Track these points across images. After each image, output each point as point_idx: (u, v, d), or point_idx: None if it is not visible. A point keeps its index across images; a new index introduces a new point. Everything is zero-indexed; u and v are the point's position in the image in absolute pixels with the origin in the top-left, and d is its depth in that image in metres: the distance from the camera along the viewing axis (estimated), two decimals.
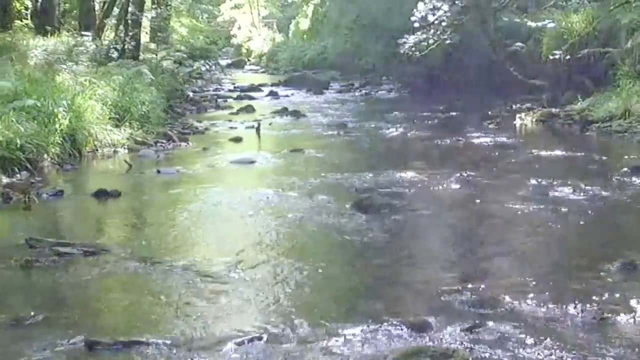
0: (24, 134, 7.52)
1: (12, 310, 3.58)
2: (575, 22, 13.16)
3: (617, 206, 5.76)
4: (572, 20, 13.29)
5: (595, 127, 10.46)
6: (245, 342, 3.16)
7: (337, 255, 4.75)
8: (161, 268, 4.25)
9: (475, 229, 5.33)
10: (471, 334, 3.16)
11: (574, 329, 3.21)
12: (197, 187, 6.70)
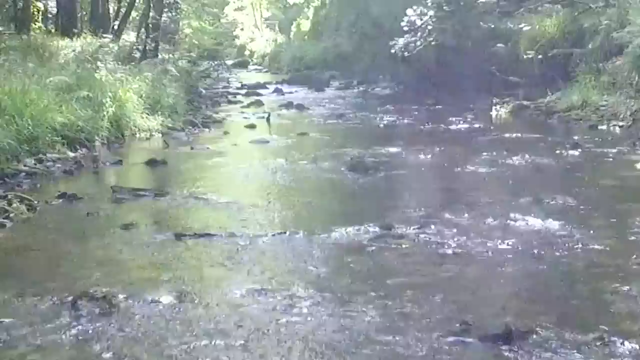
0: (83, 119, 9.46)
1: (117, 222, 5.49)
2: (548, 25, 15.12)
3: (545, 168, 7.72)
4: (545, 23, 15.26)
5: (557, 116, 12.42)
6: (276, 234, 5.10)
7: (333, 194, 6.78)
8: (208, 201, 6.21)
9: (436, 180, 7.31)
10: (419, 229, 5.09)
11: (480, 230, 5.10)
12: (226, 158, 8.69)
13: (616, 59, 11.98)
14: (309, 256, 4.61)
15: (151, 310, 3.69)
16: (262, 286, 4.03)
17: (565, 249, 4.66)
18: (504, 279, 4.23)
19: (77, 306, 3.68)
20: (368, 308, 3.66)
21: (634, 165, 7.75)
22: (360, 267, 4.40)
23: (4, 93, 8.48)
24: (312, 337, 3.35)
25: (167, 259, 4.59)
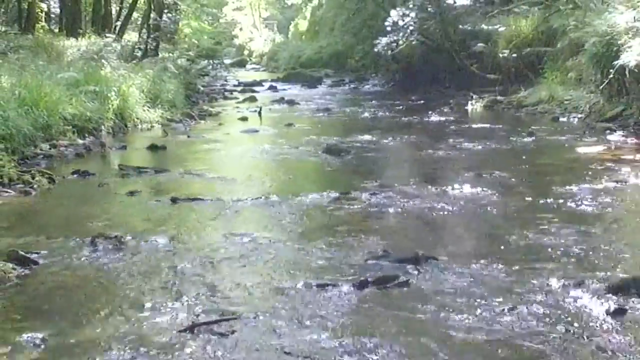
0: (91, 110, 10.66)
1: (123, 190, 6.67)
2: (523, 25, 16.31)
3: (496, 151, 8.92)
4: (521, 24, 16.44)
5: (525, 110, 13.60)
6: (254, 198, 6.28)
7: (307, 170, 8.01)
8: (201, 176, 7.41)
9: (398, 160, 8.51)
10: (371, 194, 6.28)
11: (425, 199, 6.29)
12: (219, 144, 9.90)
13: (576, 57, 13.14)
14: (279, 213, 5.81)
15: (151, 247, 4.88)
16: (239, 232, 5.22)
17: (484, 207, 5.86)
18: (426, 226, 5.43)
19: (95, 243, 4.87)
20: (317, 244, 4.85)
21: (574, 149, 8.94)
22: (317, 219, 5.60)
23: (21, 86, 9.67)
24: (274, 262, 4.54)
25: (164, 215, 5.79)
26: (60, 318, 3.66)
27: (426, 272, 4.27)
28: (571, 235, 5.02)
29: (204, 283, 4.14)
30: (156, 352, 3.24)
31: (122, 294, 3.99)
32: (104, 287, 4.13)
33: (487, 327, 3.50)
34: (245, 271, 4.40)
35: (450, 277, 4.21)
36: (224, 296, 3.93)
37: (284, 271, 4.36)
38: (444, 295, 3.92)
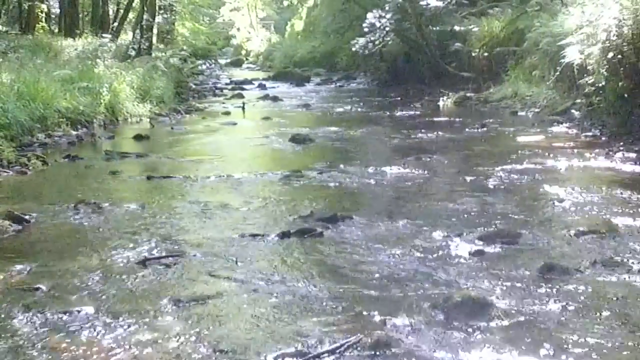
0: (83, 104, 11.77)
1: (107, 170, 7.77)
2: (494, 26, 17.39)
3: (445, 140, 10.03)
4: (493, 25, 17.53)
5: (490, 105, 14.68)
6: (218, 176, 7.39)
7: (271, 154, 9.13)
8: (175, 160, 8.52)
9: (352, 147, 9.60)
10: (319, 173, 7.38)
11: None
12: (198, 134, 11.02)
13: (536, 56, 14.22)
14: (237, 186, 6.94)
15: (124, 210, 5.99)
16: (199, 200, 6.32)
17: (408, 182, 6.97)
18: (352, 195, 6.55)
19: (77, 207, 5.98)
20: (260, 208, 5.97)
21: (515, 138, 10.02)
22: (265, 191, 6.71)
23: (20, 82, 10.79)
24: (221, 220, 5.64)
25: (139, 188, 6.92)
26: (45, 256, 4.77)
27: (340, 227, 5.37)
28: (472, 203, 6.12)
29: (161, 234, 5.24)
30: (116, 276, 4.34)
31: (96, 241, 5.09)
32: (81, 237, 5.24)
33: (379, 266, 4.56)
34: (197, 226, 5.50)
35: (358, 230, 5.31)
36: (175, 242, 5.03)
37: (228, 226, 5.47)
38: (350, 243, 5.02)
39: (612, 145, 9.03)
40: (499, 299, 3.88)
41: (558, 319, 3.65)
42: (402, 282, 4.20)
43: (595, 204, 6.06)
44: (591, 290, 4.03)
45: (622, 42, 9.36)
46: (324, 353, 3.25)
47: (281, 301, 3.93)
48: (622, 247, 4.81)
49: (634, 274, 4.31)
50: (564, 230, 5.25)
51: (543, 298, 3.92)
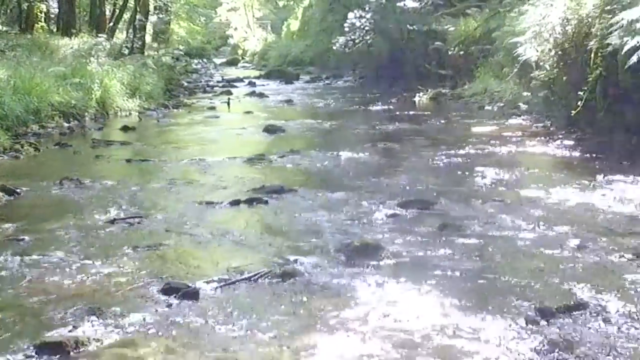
0: (75, 99, 12.74)
1: (92, 155, 8.74)
2: (470, 26, 18.34)
3: (404, 130, 10.98)
4: (469, 24, 18.48)
5: (462, 101, 15.63)
6: (191, 159, 8.35)
7: (242, 142, 10.06)
8: (156, 147, 9.47)
9: (317, 135, 10.56)
10: (280, 157, 8.33)
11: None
12: (181, 126, 12.00)
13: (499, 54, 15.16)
14: (206, 167, 7.91)
15: (102, 185, 6.95)
16: (169, 178, 7.28)
17: (358, 163, 7.93)
18: (304, 173, 7.51)
19: (62, 183, 6.95)
20: (219, 183, 6.94)
21: (470, 129, 10.98)
22: (228, 171, 7.68)
23: (16, 77, 11.75)
24: (184, 192, 6.60)
25: (118, 169, 7.90)
26: (30, 218, 5.73)
27: (284, 197, 6.33)
28: (406, 179, 7.08)
29: (130, 202, 6.21)
30: (88, 231, 5.30)
31: (75, 208, 6.06)
32: (63, 204, 6.20)
33: (306, 224, 5.50)
34: (162, 197, 6.48)
35: (299, 200, 6.27)
36: (141, 208, 6.00)
37: (189, 197, 6.43)
38: (288, 209, 5.98)
39: (555, 134, 9.99)
40: (393, 245, 4.83)
41: (439, 261, 4.59)
42: (321, 234, 5.16)
43: (514, 181, 7.02)
44: (474, 242, 4.97)
45: (565, 40, 10.29)
46: (242, 279, 4.20)
47: (219, 247, 4.90)
48: (517, 213, 5.75)
49: (518, 231, 5.25)
50: (474, 200, 6.20)
51: (431, 246, 4.87)
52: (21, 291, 4.07)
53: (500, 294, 3.99)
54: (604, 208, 5.84)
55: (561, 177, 7.14)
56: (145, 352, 3.29)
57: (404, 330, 3.50)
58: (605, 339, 3.39)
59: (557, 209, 5.87)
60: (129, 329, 3.54)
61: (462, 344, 3.35)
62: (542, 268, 4.38)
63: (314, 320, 3.64)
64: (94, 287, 4.13)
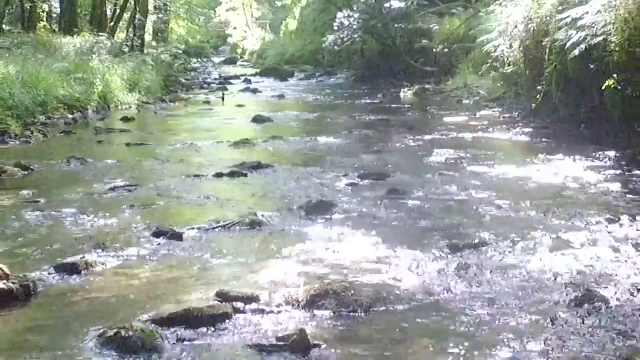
0: (79, 93, 13.80)
1: (95, 140, 9.79)
2: (455, 24, 19.39)
3: (383, 121, 12.02)
4: (454, 23, 19.52)
5: (443, 95, 16.67)
6: (184, 144, 9.40)
7: (232, 130, 11.12)
8: (153, 134, 10.52)
9: (300, 125, 11.60)
10: (264, 142, 9.38)
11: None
12: (176, 118, 13.06)
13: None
14: (195, 150, 8.98)
15: (105, 164, 8.00)
16: (164, 158, 8.32)
17: (332, 146, 8.98)
18: (283, 153, 8.55)
19: (69, 161, 8.00)
20: (207, 159, 7.97)
21: (443, 119, 12.02)
22: (217, 152, 8.73)
23: (24, 72, 12.81)
24: (176, 167, 7.64)
25: (118, 151, 8.96)
26: (43, 188, 6.77)
27: (262, 171, 7.39)
28: (370, 158, 8.15)
29: (128, 176, 7.27)
30: (93, 196, 6.34)
31: (81, 179, 7.11)
32: (71, 177, 7.26)
33: (277, 191, 6.52)
34: (155, 171, 7.54)
35: (274, 173, 7.33)
36: (137, 180, 7.04)
37: (179, 171, 7.49)
38: (264, 180, 7.03)
39: (517, 123, 11.04)
40: (346, 205, 5.88)
41: (381, 215, 5.63)
42: (288, 197, 6.21)
43: (465, 160, 8.06)
44: (413, 203, 6.01)
45: (527, 38, 11.33)
46: (218, 227, 5.24)
47: (202, 206, 5.96)
48: (458, 183, 6.78)
49: (452, 196, 6.28)
50: (425, 173, 7.24)
51: (377, 205, 5.91)
52: (41, 234, 5.12)
53: (424, 237, 5.02)
54: (536, 180, 6.89)
55: (508, 157, 8.19)
56: (138, 272, 4.33)
57: (342, 259, 4.52)
58: (498, 264, 4.41)
59: (494, 180, 6.91)
60: (127, 258, 4.58)
61: (389, 268, 4.36)
62: (461, 220, 5.42)
63: (272, 254, 4.67)
64: (98, 232, 5.17)
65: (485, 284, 4.05)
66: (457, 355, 3.16)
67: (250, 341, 3.34)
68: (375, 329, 3.50)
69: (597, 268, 4.27)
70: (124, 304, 3.80)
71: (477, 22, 17.90)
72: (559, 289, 3.96)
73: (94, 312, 3.70)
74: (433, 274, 4.24)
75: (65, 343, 3.30)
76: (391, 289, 3.93)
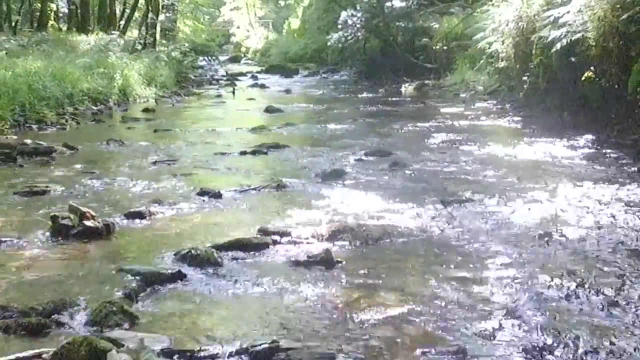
0: (101, 86, 14.94)
1: (124, 127, 10.94)
2: (453, 23, 20.52)
3: (381, 111, 13.16)
4: (452, 22, 20.66)
5: (441, 90, 17.80)
6: (196, 129, 10.55)
7: (248, 118, 12.24)
8: (174, 122, 11.67)
9: (305, 114, 12.74)
10: (278, 128, 10.53)
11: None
12: (192, 109, 14.21)
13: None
14: (218, 134, 10.12)
15: (140, 145, 9.14)
16: (190, 140, 9.46)
17: (340, 132, 10.12)
18: (296, 137, 9.72)
19: (108, 142, 9.16)
20: (232, 141, 9.12)
21: (440, 109, 13.15)
22: (238, 135, 9.87)
23: (52, 67, 13.96)
24: (203, 148, 8.78)
25: (148, 135, 10.11)
26: (92, 163, 7.90)
27: (280, 150, 8.54)
28: (374, 140, 9.29)
29: (164, 153, 8.43)
30: (138, 169, 7.48)
31: (124, 156, 8.26)
32: (114, 155, 8.41)
33: (296, 164, 7.64)
34: (186, 151, 8.69)
35: (291, 152, 8.48)
36: (172, 156, 8.18)
37: (208, 150, 8.64)
38: (282, 156, 8.17)
39: (508, 113, 12.18)
40: (355, 174, 7.03)
41: (384, 181, 6.77)
42: (304, 168, 7.37)
43: (458, 141, 9.20)
44: (411, 172, 7.16)
45: (517, 35, 12.48)
46: (250, 189, 6.38)
47: (234, 175, 7.11)
48: (449, 158, 7.93)
49: (444, 167, 7.42)
50: (422, 151, 8.39)
51: (381, 174, 7.06)
52: (104, 194, 6.27)
53: (421, 195, 6.15)
54: (518, 156, 8.04)
55: (496, 139, 9.32)
56: (192, 217, 5.48)
57: (354, 209, 5.65)
58: (479, 213, 5.54)
59: (482, 156, 8.06)
60: (180, 209, 5.73)
61: (392, 215, 5.49)
62: (451, 184, 6.57)
63: (297, 205, 5.80)
64: (153, 193, 6.31)
65: (467, 226, 5.19)
66: (443, 268, 4.29)
67: (287, 260, 4.47)
68: (381, 252, 4.64)
69: (557, 215, 5.41)
70: (185, 237, 4.94)
71: (473, 21, 19.04)
72: (525, 229, 5.10)
73: (164, 242, 4.84)
74: (427, 219, 5.38)
75: (149, 260, 4.44)
76: (394, 228, 5.08)
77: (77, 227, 4.96)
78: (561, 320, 3.47)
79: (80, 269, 4.32)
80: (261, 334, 3.34)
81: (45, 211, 5.57)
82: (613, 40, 9.05)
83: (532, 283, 3.99)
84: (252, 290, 3.96)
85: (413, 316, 3.55)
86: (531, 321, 3.46)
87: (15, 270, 4.28)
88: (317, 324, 3.48)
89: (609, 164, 7.49)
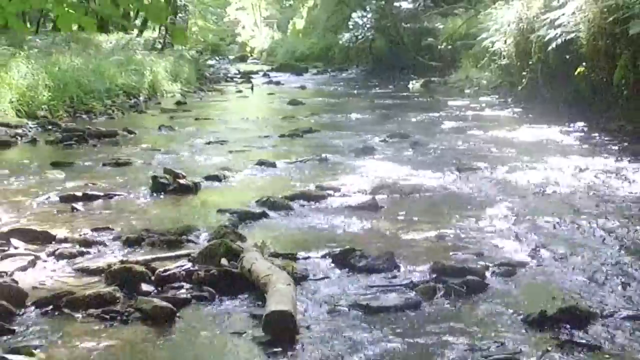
0: (134, 82, 16.39)
1: (165, 117, 12.39)
2: (457, 24, 21.99)
3: (387, 105, 14.63)
4: (456, 22, 22.14)
5: (447, 86, 19.27)
6: (219, 118, 12.01)
7: (275, 109, 13.71)
8: (208, 113, 13.12)
9: (329, 107, 14.22)
10: (304, 117, 11.99)
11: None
12: (221, 102, 15.68)
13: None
14: (253, 121, 11.55)
15: (189, 130, 10.58)
16: (230, 127, 10.91)
17: (360, 119, 11.60)
18: (324, 124, 11.17)
19: (160, 128, 10.58)
20: (265, 127, 10.57)
21: (447, 103, 14.61)
22: (272, 123, 11.34)
23: (90, 63, 15.40)
24: (239, 133, 10.22)
25: (192, 122, 11.58)
26: (154, 144, 9.33)
27: (313, 134, 10.00)
28: (393, 126, 10.74)
29: (213, 137, 9.87)
30: (198, 147, 8.92)
31: (181, 139, 9.70)
32: (170, 138, 9.88)
33: (330, 144, 9.09)
34: (231, 133, 10.15)
35: (322, 136, 9.94)
36: (220, 139, 9.62)
37: (250, 134, 10.09)
38: (316, 139, 9.62)
39: (508, 105, 13.65)
40: (382, 151, 8.49)
41: (408, 156, 8.22)
42: (338, 148, 8.84)
43: (464, 127, 10.67)
44: (429, 149, 8.63)
45: (518, 34, 13.94)
46: (298, 161, 7.84)
47: (279, 151, 8.57)
48: (460, 139, 9.38)
49: (456, 145, 8.87)
50: (437, 134, 9.85)
51: (404, 151, 8.52)
52: (176, 165, 7.71)
53: (439, 164, 7.61)
54: (518, 139, 9.50)
55: (499, 126, 10.78)
56: (257, 179, 6.94)
57: (387, 175, 7.09)
58: (487, 177, 6.98)
59: (487, 138, 9.54)
60: (244, 175, 7.19)
61: (417, 178, 6.95)
62: (463, 157, 8.03)
63: (334, 173, 7.25)
64: (218, 164, 7.76)
65: (476, 185, 6.65)
66: (461, 210, 5.73)
67: (342, 205, 5.92)
68: (414, 202, 6.10)
69: (550, 178, 6.86)
70: (257, 191, 6.38)
71: (477, 22, 20.52)
72: (523, 187, 6.55)
73: (243, 194, 6.29)
74: (446, 180, 6.86)
75: (236, 206, 5.86)
76: (420, 186, 6.55)
77: (172, 185, 6.41)
78: (548, 236, 4.93)
79: (186, 211, 5.78)
80: (332, 248, 4.76)
81: (135, 175, 7.03)
82: (602, 39, 10.49)
83: (528, 218, 5.44)
84: (319, 224, 5.40)
85: (442, 237, 5.00)
86: (527, 238, 4.91)
87: (135, 212, 5.72)
88: (374, 240, 4.93)
89: (596, 144, 8.96)
